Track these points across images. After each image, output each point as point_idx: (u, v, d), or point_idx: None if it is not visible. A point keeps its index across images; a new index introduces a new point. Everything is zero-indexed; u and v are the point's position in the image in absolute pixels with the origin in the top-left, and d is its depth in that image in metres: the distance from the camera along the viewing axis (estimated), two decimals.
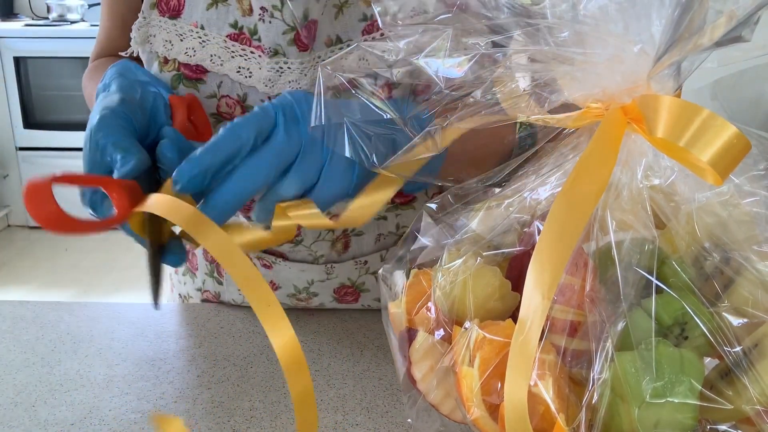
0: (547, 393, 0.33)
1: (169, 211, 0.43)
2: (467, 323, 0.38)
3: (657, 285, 0.34)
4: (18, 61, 2.97)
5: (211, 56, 0.60)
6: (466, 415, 0.37)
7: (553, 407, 0.33)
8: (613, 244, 0.35)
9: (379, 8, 0.41)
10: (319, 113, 0.44)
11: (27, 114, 3.05)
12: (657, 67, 0.35)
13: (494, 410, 0.36)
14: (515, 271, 0.41)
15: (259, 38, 0.59)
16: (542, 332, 0.33)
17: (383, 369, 0.63)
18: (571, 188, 0.35)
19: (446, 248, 0.42)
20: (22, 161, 3.13)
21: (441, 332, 0.40)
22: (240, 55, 0.60)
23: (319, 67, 0.44)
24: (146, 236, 0.48)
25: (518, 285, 0.38)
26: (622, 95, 0.37)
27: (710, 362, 0.35)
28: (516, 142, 0.57)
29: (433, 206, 0.46)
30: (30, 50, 2.97)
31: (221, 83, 0.61)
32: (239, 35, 0.60)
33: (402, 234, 0.65)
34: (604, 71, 0.36)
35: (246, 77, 0.61)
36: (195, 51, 0.61)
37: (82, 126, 0.53)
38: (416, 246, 0.45)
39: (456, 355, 0.38)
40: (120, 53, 0.66)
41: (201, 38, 0.60)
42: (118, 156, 0.47)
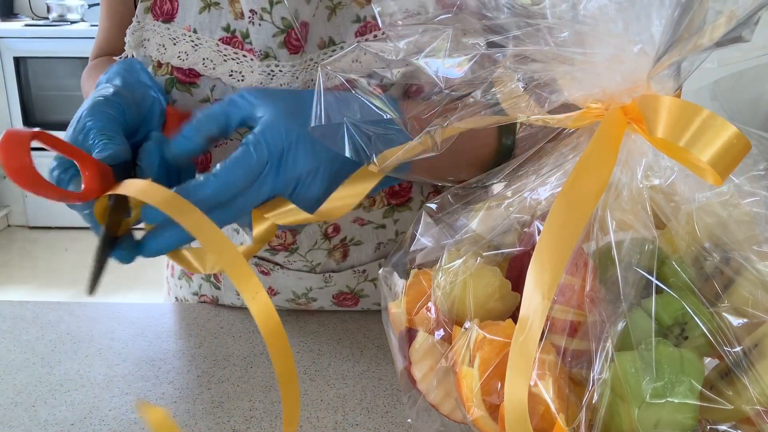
0: (547, 393, 0.33)
1: (145, 193, 0.44)
2: (467, 323, 0.38)
3: (657, 285, 0.34)
4: (18, 61, 2.97)
5: (204, 60, 0.60)
6: (466, 415, 0.37)
7: (553, 407, 0.33)
8: (613, 244, 0.35)
9: (379, 8, 0.41)
10: (320, 113, 0.44)
11: (27, 114, 3.05)
12: (657, 67, 0.35)
13: (494, 410, 0.36)
14: (515, 271, 0.41)
15: (251, 41, 0.59)
16: (542, 332, 0.33)
17: (383, 369, 0.63)
18: (571, 188, 0.35)
19: (446, 248, 0.42)
20: None
21: (441, 332, 0.40)
22: (232, 59, 0.60)
23: (319, 68, 0.44)
24: (103, 224, 0.48)
25: (518, 285, 0.38)
26: (622, 95, 0.37)
27: (710, 362, 0.35)
28: (493, 154, 0.57)
29: (433, 206, 0.46)
30: (30, 50, 2.97)
31: (214, 87, 0.61)
32: (231, 38, 0.60)
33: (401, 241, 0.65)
34: (604, 71, 0.36)
35: (238, 81, 0.60)
36: (188, 55, 0.60)
37: None
38: (416, 246, 0.45)
39: (456, 355, 0.38)
40: (114, 57, 0.66)
41: (193, 42, 0.60)
42: (100, 141, 0.48)
